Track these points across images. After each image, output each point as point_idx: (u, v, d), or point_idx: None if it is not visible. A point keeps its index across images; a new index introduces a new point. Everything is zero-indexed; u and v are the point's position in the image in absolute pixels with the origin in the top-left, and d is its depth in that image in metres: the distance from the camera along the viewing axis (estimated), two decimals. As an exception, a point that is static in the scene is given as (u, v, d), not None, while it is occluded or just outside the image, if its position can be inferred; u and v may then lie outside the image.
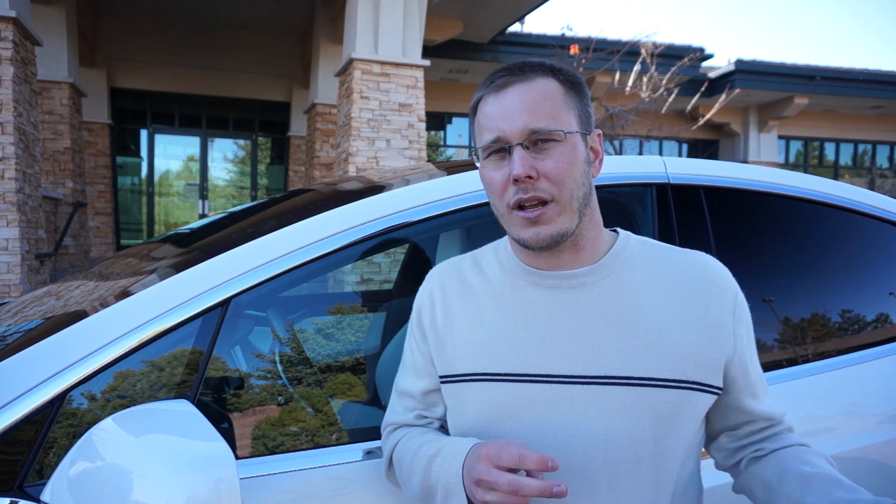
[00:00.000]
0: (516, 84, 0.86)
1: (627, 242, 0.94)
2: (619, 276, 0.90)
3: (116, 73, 10.28)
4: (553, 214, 0.85)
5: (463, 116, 13.08)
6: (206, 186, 11.21)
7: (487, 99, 0.88)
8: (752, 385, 0.93)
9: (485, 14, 9.41)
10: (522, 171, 0.82)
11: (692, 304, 0.88)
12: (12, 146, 5.47)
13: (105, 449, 0.81)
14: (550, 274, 0.90)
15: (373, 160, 6.87)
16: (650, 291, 0.88)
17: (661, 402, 0.84)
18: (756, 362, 0.95)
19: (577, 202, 0.86)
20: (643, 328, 0.86)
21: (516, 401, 0.87)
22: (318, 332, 1.39)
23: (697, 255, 0.94)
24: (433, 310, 0.98)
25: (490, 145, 0.87)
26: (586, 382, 0.85)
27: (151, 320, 0.99)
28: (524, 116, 0.84)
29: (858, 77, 12.84)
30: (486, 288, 0.95)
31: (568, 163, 0.84)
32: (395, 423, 1.02)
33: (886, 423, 1.33)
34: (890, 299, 1.49)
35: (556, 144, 0.84)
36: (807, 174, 1.55)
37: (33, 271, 5.92)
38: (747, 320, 0.93)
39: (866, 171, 15.81)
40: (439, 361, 0.96)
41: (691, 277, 0.90)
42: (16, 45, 5.61)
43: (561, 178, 0.84)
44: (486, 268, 0.98)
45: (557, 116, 0.85)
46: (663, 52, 10.61)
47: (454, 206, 1.22)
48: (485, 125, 0.88)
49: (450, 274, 1.00)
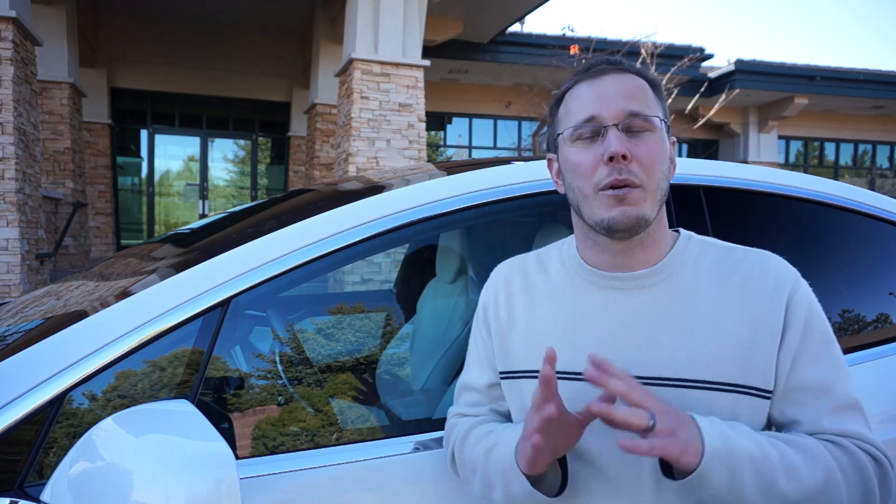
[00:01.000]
0: (614, 73, 0.88)
1: (688, 243, 0.94)
2: (677, 277, 0.90)
3: (116, 73, 10.28)
4: (640, 197, 0.85)
5: (463, 116, 13.08)
6: (206, 186, 11.21)
7: (580, 85, 0.90)
8: (807, 394, 0.85)
9: (485, 14, 9.41)
10: (620, 149, 0.83)
11: (745, 305, 0.87)
12: (12, 146, 5.47)
13: (105, 449, 0.81)
14: (611, 275, 0.91)
15: (373, 160, 6.87)
16: (707, 293, 0.88)
17: (716, 406, 0.83)
18: (822, 375, 0.85)
19: (661, 193, 0.88)
20: (699, 331, 0.86)
21: (572, 399, 0.88)
22: (318, 332, 1.39)
23: (758, 253, 0.92)
24: (497, 306, 1.00)
25: (582, 124, 0.87)
26: (641, 383, 0.85)
27: (152, 320, 0.99)
28: (622, 100, 0.85)
29: (858, 77, 12.84)
30: (548, 287, 0.97)
31: (659, 151, 0.86)
32: (458, 414, 1.05)
33: (886, 423, 1.33)
34: (890, 299, 1.49)
35: (649, 133, 0.86)
36: (807, 174, 1.55)
37: (33, 271, 5.92)
38: (805, 322, 0.86)
39: (866, 171, 15.81)
40: (500, 357, 0.98)
41: (747, 277, 0.89)
42: (16, 45, 5.61)
43: (653, 164, 0.85)
44: (548, 267, 0.99)
45: (651, 106, 0.87)
46: (663, 52, 10.61)
47: (454, 206, 1.22)
48: (577, 107, 0.88)
49: (514, 271, 1.02)
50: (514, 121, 13.19)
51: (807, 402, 0.85)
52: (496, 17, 9.57)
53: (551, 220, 1.47)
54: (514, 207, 1.27)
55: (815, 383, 0.85)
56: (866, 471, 0.81)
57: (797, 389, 0.85)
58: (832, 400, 0.85)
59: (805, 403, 0.85)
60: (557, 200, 1.29)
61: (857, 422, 0.85)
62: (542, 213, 1.48)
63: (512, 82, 12.07)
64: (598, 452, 0.87)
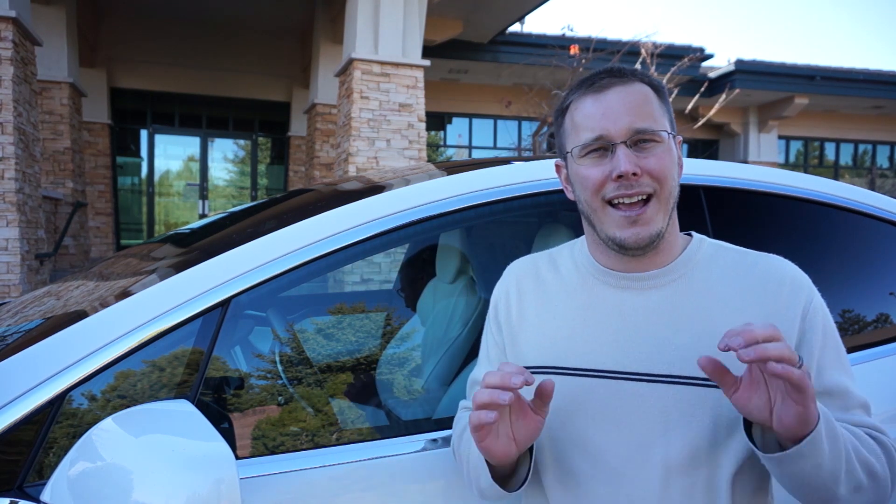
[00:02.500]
0: (617, 86, 0.88)
1: (700, 246, 0.95)
2: (689, 278, 0.91)
3: (116, 73, 10.28)
4: (653, 213, 0.87)
5: (463, 116, 13.08)
6: (206, 186, 11.21)
7: (585, 99, 0.90)
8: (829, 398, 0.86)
9: (485, 14, 9.41)
10: (630, 168, 0.84)
11: (760, 308, 0.88)
12: (12, 146, 5.47)
13: (105, 449, 0.81)
14: (623, 275, 0.93)
15: (373, 160, 6.87)
16: (719, 294, 0.89)
17: (724, 404, 0.84)
18: (840, 379, 0.88)
19: (673, 201, 0.89)
20: (710, 330, 0.87)
21: (583, 395, 0.89)
22: (318, 332, 1.39)
23: (772, 258, 0.94)
24: (508, 304, 1.02)
25: (591, 143, 0.88)
26: (650, 380, 0.87)
27: (152, 320, 0.99)
28: (628, 116, 0.86)
29: (858, 77, 12.84)
30: (560, 286, 0.98)
31: (669, 162, 0.87)
32: (467, 406, 1.06)
33: (886, 423, 1.33)
34: (890, 299, 1.49)
35: (656, 145, 0.87)
36: (807, 174, 1.55)
37: (33, 271, 5.92)
38: (823, 329, 0.88)
39: (866, 171, 15.81)
40: (511, 354, 0.99)
41: (763, 281, 0.90)
42: (16, 45, 5.61)
43: (664, 175, 0.87)
44: (560, 266, 1.01)
45: (657, 119, 0.88)
46: (663, 52, 10.61)
47: (454, 206, 1.22)
48: (584, 124, 0.89)
49: (526, 270, 1.03)
50: (514, 121, 13.19)
51: (830, 405, 0.87)
52: (496, 17, 9.57)
53: (551, 220, 1.47)
54: (514, 207, 1.27)
55: (835, 388, 0.88)
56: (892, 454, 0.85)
57: (822, 394, 0.87)
58: (848, 402, 0.88)
59: (829, 407, 0.86)
60: (557, 200, 1.29)
61: (869, 419, 0.89)
62: (542, 213, 1.48)
63: (512, 82, 12.07)
64: (605, 446, 0.88)
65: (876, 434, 0.86)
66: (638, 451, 0.86)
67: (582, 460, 0.89)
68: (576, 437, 0.90)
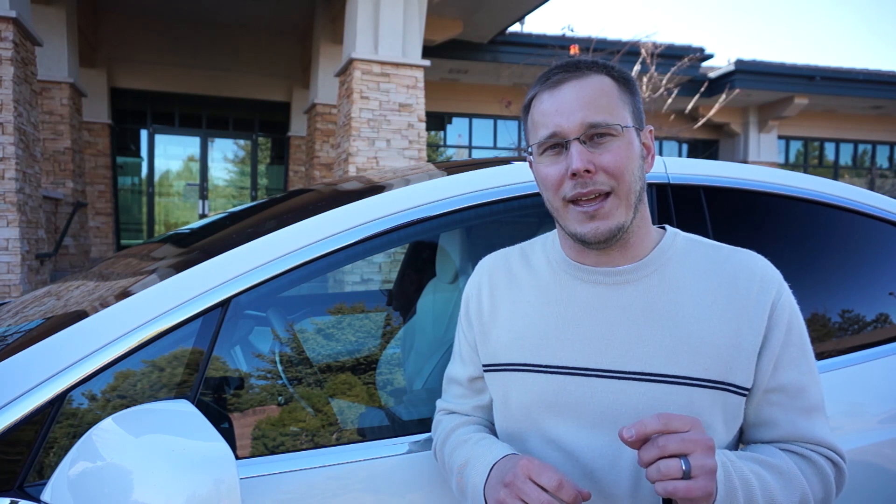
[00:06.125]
0: (571, 80, 0.87)
1: (674, 240, 0.94)
2: (662, 273, 0.90)
3: (116, 73, 10.28)
4: (611, 208, 0.85)
5: (463, 116, 13.08)
6: (206, 186, 11.21)
7: (542, 96, 0.89)
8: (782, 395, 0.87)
9: (485, 14, 9.41)
10: (581, 165, 0.83)
11: (730, 304, 0.87)
12: (12, 146, 5.47)
13: (105, 449, 0.81)
14: (595, 270, 0.92)
15: (373, 160, 6.87)
16: (692, 290, 0.89)
17: (695, 401, 0.84)
18: (796, 377, 0.88)
19: (634, 196, 0.87)
20: (682, 326, 0.86)
21: (555, 392, 0.89)
22: (318, 332, 1.39)
23: (744, 253, 0.93)
24: (480, 300, 1.01)
25: (546, 140, 0.87)
26: (623, 377, 0.86)
27: (151, 320, 0.99)
28: (581, 111, 0.85)
29: (858, 77, 12.83)
30: (532, 281, 0.97)
31: (625, 156, 0.85)
32: (444, 409, 1.07)
33: (886, 423, 1.33)
34: (890, 299, 1.49)
35: (612, 139, 0.85)
36: (807, 174, 1.55)
37: (33, 271, 5.92)
38: (788, 326, 0.88)
39: (866, 171, 15.80)
40: (483, 350, 0.99)
41: (733, 277, 0.89)
42: (16, 45, 5.61)
43: (620, 171, 0.85)
44: (533, 261, 1.00)
45: (613, 111, 0.86)
46: (663, 53, 10.61)
47: (454, 206, 1.22)
48: (540, 121, 0.89)
49: (498, 265, 1.03)
50: (514, 121, 13.19)
51: (783, 402, 0.88)
52: (496, 17, 9.57)
53: (551, 220, 1.47)
54: (514, 207, 1.27)
55: (792, 385, 0.87)
56: (828, 481, 0.86)
57: (776, 391, 0.87)
58: (805, 402, 0.88)
59: (781, 404, 0.88)
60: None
61: (824, 426, 0.89)
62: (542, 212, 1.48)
63: (512, 82, 12.06)
64: (577, 444, 0.88)
65: (810, 454, 0.87)
66: (610, 449, 0.86)
67: (554, 458, 0.89)
68: (548, 435, 0.90)
